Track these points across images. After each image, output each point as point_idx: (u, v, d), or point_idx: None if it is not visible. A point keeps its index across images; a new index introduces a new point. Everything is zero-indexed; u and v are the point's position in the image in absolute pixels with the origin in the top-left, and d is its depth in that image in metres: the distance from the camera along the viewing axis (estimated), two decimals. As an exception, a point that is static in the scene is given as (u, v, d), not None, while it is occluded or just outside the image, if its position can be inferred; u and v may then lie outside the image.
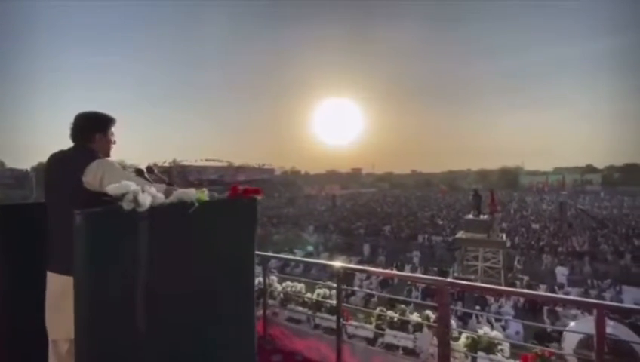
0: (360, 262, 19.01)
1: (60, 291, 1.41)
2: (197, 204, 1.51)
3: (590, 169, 67.03)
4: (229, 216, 1.81)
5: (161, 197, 1.40)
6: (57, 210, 1.48)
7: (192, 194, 1.52)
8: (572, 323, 2.31)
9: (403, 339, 2.11)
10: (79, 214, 1.17)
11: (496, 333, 1.96)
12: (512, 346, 2.03)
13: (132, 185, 1.27)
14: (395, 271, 11.66)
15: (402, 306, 2.28)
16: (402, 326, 2.18)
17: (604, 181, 59.75)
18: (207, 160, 63.80)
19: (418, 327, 2.12)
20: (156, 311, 1.39)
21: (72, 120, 1.58)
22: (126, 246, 1.29)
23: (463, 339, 2.01)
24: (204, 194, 1.60)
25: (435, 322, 2.04)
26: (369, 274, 13.78)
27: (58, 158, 1.54)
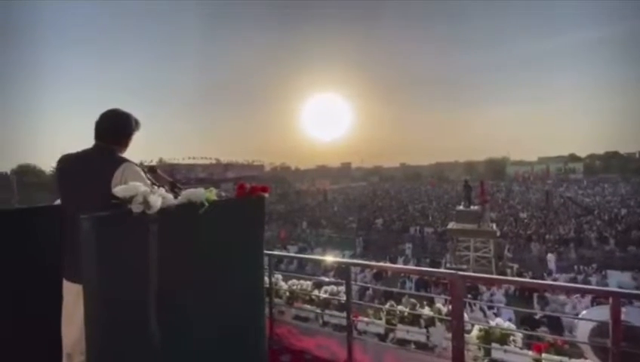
0: (353, 256, 19.13)
1: (73, 301, 1.33)
2: (207, 204, 1.45)
3: (573, 158, 68.80)
4: (238, 215, 1.75)
5: (171, 198, 1.33)
6: (74, 214, 1.40)
7: (201, 194, 1.45)
8: (584, 311, 2.34)
9: (415, 334, 2.09)
10: (87, 219, 1.10)
11: (508, 324, 1.97)
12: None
13: (141, 187, 1.20)
14: (406, 266, 11.56)
15: (412, 300, 2.27)
16: (414, 320, 2.16)
17: (586, 169, 61.45)
18: (194, 158, 62.88)
19: (430, 321, 2.11)
20: (169, 317, 1.33)
21: (100, 116, 1.47)
22: (137, 251, 1.23)
23: (475, 332, 2.01)
24: (212, 194, 1.53)
25: (447, 315, 2.03)
26: (363, 268, 13.83)
27: (81, 160, 1.43)
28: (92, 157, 1.43)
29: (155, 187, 1.29)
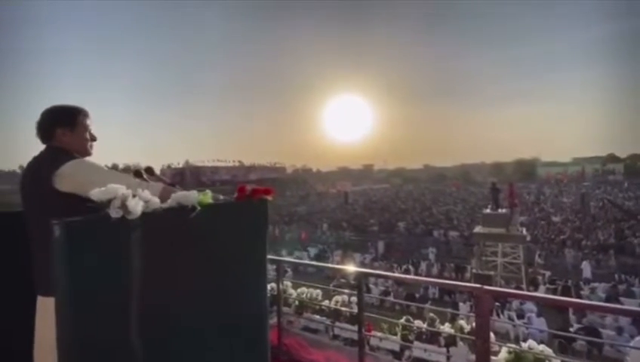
0: (374, 260, 18.75)
1: (44, 316, 1.23)
2: (198, 208, 1.33)
3: (612, 158, 64.45)
4: (237, 220, 1.61)
5: (155, 201, 1.20)
6: (33, 224, 1.30)
7: (193, 196, 1.32)
8: (638, 338, 2.03)
9: (434, 353, 1.88)
10: (58, 224, 0.99)
11: (543, 347, 1.72)
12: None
13: (120, 189, 1.08)
14: (426, 279, 11.01)
15: (432, 315, 2.05)
16: (432, 337, 1.95)
17: (626, 170, 57.34)
18: (218, 160, 64.48)
19: (451, 340, 1.89)
20: (154, 334, 1.21)
21: None
22: (115, 260, 1.11)
23: (504, 354, 1.77)
24: (207, 197, 1.40)
25: (471, 333, 1.80)
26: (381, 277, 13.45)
27: (28, 165, 1.33)
28: (38, 157, 1.34)
29: (140, 189, 1.17)
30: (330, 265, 3.77)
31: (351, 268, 3.38)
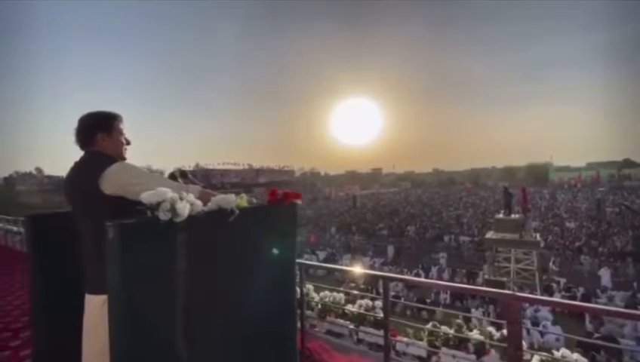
0: (384, 264, 18.62)
1: (92, 314, 1.27)
2: (237, 212, 1.35)
3: (628, 163, 62.87)
4: (269, 223, 1.64)
5: (199, 204, 1.24)
6: (82, 225, 1.33)
7: (232, 200, 1.35)
8: None
9: (463, 360, 1.86)
10: (112, 226, 1.03)
11: (577, 356, 1.69)
12: None
13: (169, 193, 1.12)
14: (455, 284, 10.75)
15: (458, 321, 2.03)
16: (460, 344, 1.93)
17: (643, 176, 55.85)
18: (228, 163, 65.01)
19: (480, 346, 1.87)
20: (196, 332, 1.24)
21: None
22: (163, 261, 1.14)
23: (536, 362, 1.75)
24: (243, 200, 1.43)
25: (501, 341, 1.78)
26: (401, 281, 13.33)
27: (72, 169, 1.38)
28: (80, 163, 1.38)
29: (184, 192, 1.20)
30: (354, 269, 3.75)
31: (374, 272, 3.37)
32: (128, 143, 1.50)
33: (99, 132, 1.39)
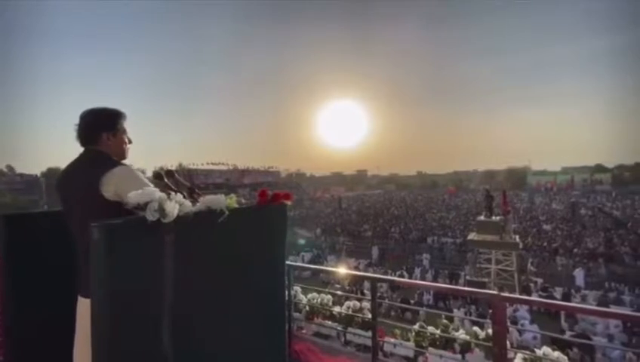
0: (369, 265, 18.74)
1: (84, 317, 1.22)
2: (227, 212, 1.33)
3: (600, 168, 65.90)
4: (259, 224, 1.62)
5: (188, 204, 1.20)
6: (75, 226, 1.28)
7: (221, 201, 1.33)
8: None
9: (450, 360, 1.89)
10: (96, 227, 0.98)
11: (558, 354, 1.74)
12: None
13: (157, 193, 1.09)
14: (445, 285, 10.85)
15: (445, 321, 2.06)
16: (447, 344, 1.96)
17: (614, 180, 58.66)
18: (212, 163, 63.98)
19: (466, 346, 1.90)
20: (184, 334, 1.20)
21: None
22: (151, 263, 1.11)
23: (519, 361, 1.79)
24: (233, 201, 1.40)
25: (485, 340, 1.81)
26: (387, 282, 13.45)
27: (70, 167, 1.33)
28: (81, 161, 1.33)
29: (172, 192, 1.17)
30: (343, 270, 3.76)
31: (362, 273, 3.37)
32: (130, 142, 1.46)
33: (104, 131, 1.34)
